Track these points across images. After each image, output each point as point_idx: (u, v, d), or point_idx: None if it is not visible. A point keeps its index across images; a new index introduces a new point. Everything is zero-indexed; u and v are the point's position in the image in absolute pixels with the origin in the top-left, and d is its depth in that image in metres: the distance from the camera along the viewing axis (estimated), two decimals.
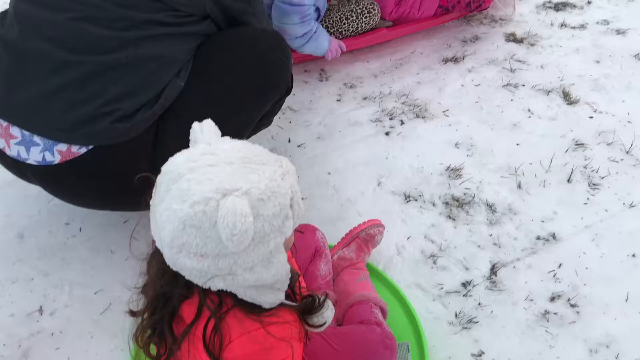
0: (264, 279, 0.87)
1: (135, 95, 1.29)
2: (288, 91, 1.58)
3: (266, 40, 1.50)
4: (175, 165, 0.86)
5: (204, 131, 0.92)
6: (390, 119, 2.06)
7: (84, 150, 1.28)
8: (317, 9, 2.12)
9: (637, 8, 2.68)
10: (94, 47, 1.28)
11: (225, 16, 1.48)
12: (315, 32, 2.05)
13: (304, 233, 1.39)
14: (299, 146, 1.95)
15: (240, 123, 1.45)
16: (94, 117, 1.26)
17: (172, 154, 0.90)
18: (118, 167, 1.29)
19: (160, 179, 0.87)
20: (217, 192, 0.80)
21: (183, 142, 0.92)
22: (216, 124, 0.96)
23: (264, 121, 1.60)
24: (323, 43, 2.11)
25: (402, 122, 2.05)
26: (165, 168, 0.88)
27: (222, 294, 0.88)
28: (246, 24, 1.54)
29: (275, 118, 1.78)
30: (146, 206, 0.88)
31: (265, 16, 1.70)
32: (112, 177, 1.30)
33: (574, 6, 2.69)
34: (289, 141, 1.96)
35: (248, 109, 1.46)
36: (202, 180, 0.82)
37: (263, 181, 0.83)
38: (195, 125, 0.93)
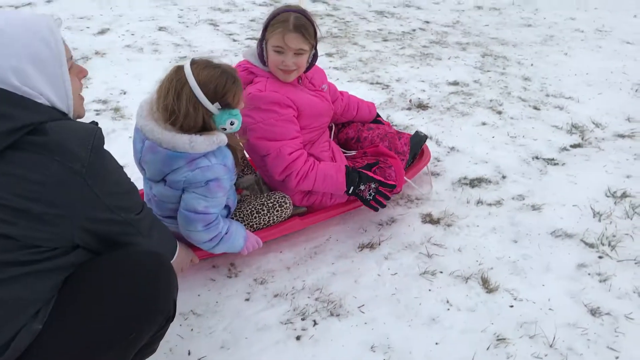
0: None
1: None
2: (170, 319, 1.41)
3: (143, 267, 1.35)
4: None
5: None
6: (302, 319, 1.92)
7: None
8: (227, 206, 2.02)
9: (550, 181, 2.75)
10: None
11: (101, 241, 1.36)
12: (226, 233, 1.91)
13: None
14: None
15: None
16: None
17: None
18: None
19: None
20: None
21: None
22: None
23: (145, 352, 1.42)
24: (237, 241, 1.97)
25: (315, 323, 1.90)
26: None
27: None
28: (130, 244, 1.43)
29: (176, 324, 1.61)
30: None
31: (157, 228, 1.56)
32: None
33: (489, 181, 2.73)
34: (189, 354, 1.77)
35: (118, 347, 1.28)
36: None
37: None
38: None
